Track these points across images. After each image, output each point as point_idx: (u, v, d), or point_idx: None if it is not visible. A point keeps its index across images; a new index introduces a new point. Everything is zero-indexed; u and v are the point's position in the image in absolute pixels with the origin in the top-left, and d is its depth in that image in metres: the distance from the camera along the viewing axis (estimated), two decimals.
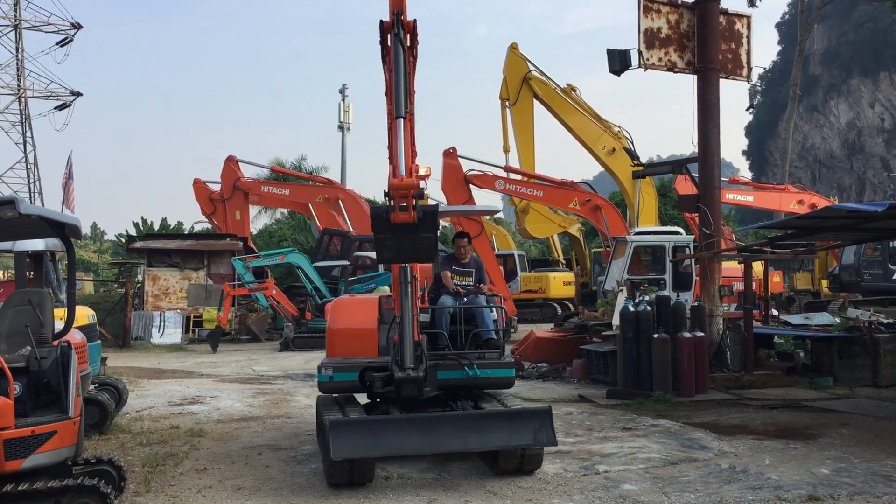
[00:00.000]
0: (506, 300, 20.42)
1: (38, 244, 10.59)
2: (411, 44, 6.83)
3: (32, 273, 11.17)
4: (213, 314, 22.06)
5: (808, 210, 22.93)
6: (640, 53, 12.76)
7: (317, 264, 22.94)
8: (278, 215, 45.28)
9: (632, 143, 24.04)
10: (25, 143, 54.02)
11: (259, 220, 45.11)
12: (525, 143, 24.54)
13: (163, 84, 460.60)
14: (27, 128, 54.08)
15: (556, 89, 24.19)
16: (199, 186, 29.24)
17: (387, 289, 17.53)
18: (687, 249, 17.39)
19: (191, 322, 23.73)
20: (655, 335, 10.61)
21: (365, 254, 23.99)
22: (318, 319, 20.01)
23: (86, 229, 44.22)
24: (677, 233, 19.37)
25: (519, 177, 23.53)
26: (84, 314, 10.16)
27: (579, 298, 26.96)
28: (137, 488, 6.29)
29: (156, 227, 43.39)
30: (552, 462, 6.93)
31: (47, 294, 6.44)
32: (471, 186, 22.22)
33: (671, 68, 12.91)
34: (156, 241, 26.07)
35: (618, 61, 13.40)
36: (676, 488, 6.17)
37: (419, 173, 6.23)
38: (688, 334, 10.69)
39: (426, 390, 6.68)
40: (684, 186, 20.68)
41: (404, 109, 6.34)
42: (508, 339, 17.62)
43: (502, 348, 7.50)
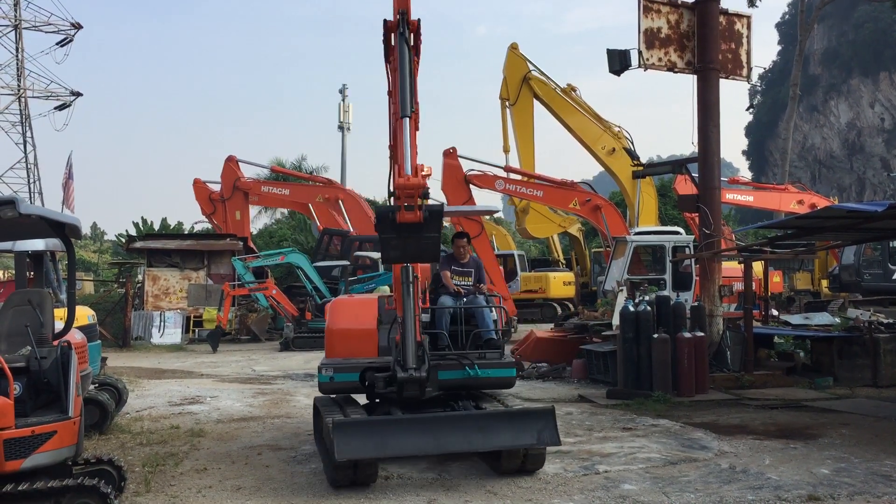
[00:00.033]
0: (506, 300, 20.50)
1: (38, 244, 10.59)
2: (415, 43, 6.83)
3: (32, 273, 11.16)
4: (213, 314, 22.07)
5: (808, 210, 22.92)
6: (640, 53, 12.76)
7: (317, 264, 22.92)
8: (278, 215, 45.28)
9: (632, 143, 24.05)
10: (25, 143, 54.12)
11: (259, 220, 45.19)
12: (525, 143, 24.54)
13: (163, 84, 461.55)
14: (27, 128, 54.20)
15: (556, 89, 24.20)
16: (199, 186, 29.24)
17: (387, 289, 17.53)
18: (687, 249, 17.39)
19: (191, 322, 23.74)
20: (655, 335, 10.61)
21: (365, 254, 23.99)
22: (318, 319, 20.00)
23: (86, 229, 44.20)
24: (677, 233, 19.38)
25: (519, 177, 23.53)
26: (84, 314, 10.16)
27: (579, 298, 26.96)
28: (137, 488, 6.29)
29: (156, 227, 43.38)
30: (552, 462, 6.92)
31: (47, 294, 6.44)
32: (471, 186, 22.23)
33: (671, 68, 12.91)
34: (156, 241, 26.07)
35: (618, 61, 13.41)
36: (676, 488, 6.17)
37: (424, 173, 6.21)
38: (688, 334, 10.69)
39: (427, 390, 6.68)
40: (684, 186, 20.68)
41: (410, 109, 6.33)
42: (509, 339, 17.74)
43: (502, 348, 7.50)
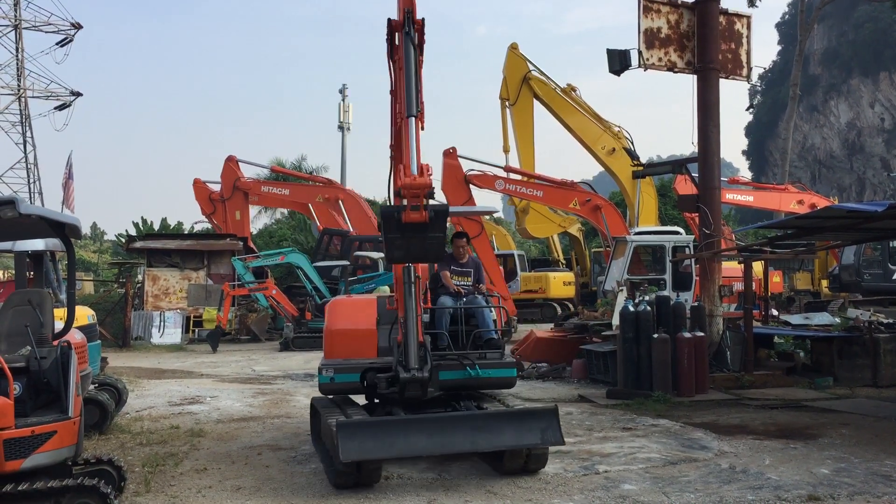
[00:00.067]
0: (506, 300, 20.50)
1: (38, 244, 10.60)
2: (419, 42, 6.82)
3: (32, 273, 11.17)
4: (213, 314, 22.07)
5: (808, 210, 22.92)
6: (640, 53, 12.76)
7: (317, 264, 22.92)
8: (278, 215, 45.28)
9: (632, 143, 24.06)
10: (25, 143, 54.12)
11: (259, 220, 45.20)
12: (525, 143, 24.54)
13: (163, 84, 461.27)
14: (27, 128, 54.19)
15: (555, 89, 24.20)
16: (199, 186, 29.24)
17: (387, 289, 17.54)
18: (687, 249, 17.40)
19: (191, 322, 23.74)
20: (655, 335, 10.61)
21: (365, 254, 23.99)
22: (318, 319, 19.99)
23: (86, 229, 44.21)
24: (677, 233, 19.39)
25: (519, 177, 23.53)
26: (84, 314, 10.16)
27: (579, 298, 26.96)
28: (137, 488, 6.29)
29: (156, 227, 43.38)
30: (552, 462, 6.92)
31: (47, 294, 6.44)
32: (471, 186, 22.22)
33: (671, 68, 12.91)
34: (156, 241, 26.07)
35: (618, 61, 13.41)
36: (676, 488, 6.17)
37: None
38: (688, 334, 10.69)
39: (429, 391, 6.67)
40: (684, 186, 20.67)
41: (416, 108, 6.31)
42: (510, 339, 17.73)
43: (503, 348, 7.50)
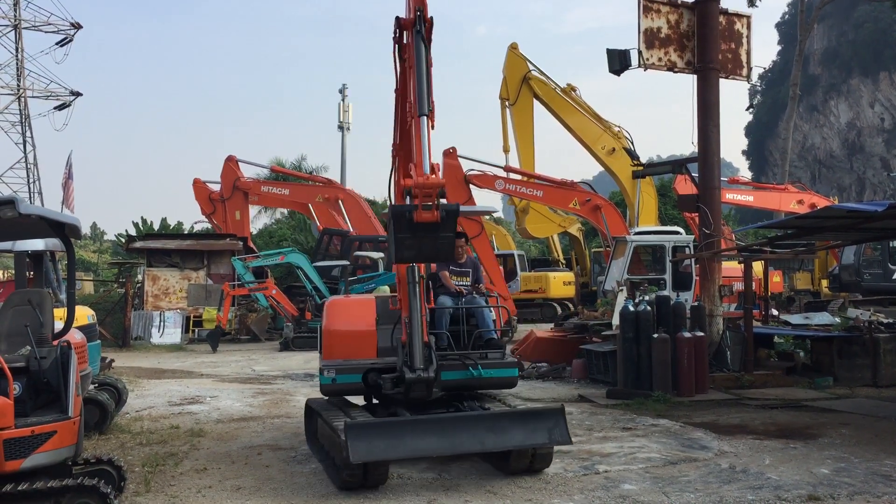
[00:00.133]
0: (506, 300, 20.50)
1: (38, 244, 10.60)
2: (427, 41, 6.82)
3: (32, 273, 11.17)
4: (213, 314, 22.06)
5: (807, 210, 22.92)
6: (640, 53, 12.75)
7: (317, 264, 22.91)
8: (278, 215, 45.26)
9: (632, 143, 24.06)
10: (25, 143, 54.12)
11: (259, 220, 45.17)
12: (525, 143, 24.54)
13: (163, 84, 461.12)
14: (27, 128, 54.19)
15: (555, 89, 24.20)
16: (199, 186, 29.23)
17: (387, 289, 17.54)
18: (687, 249, 17.39)
19: (191, 322, 23.73)
20: (655, 335, 10.61)
21: (365, 254, 23.99)
22: (318, 319, 19.95)
23: (86, 229, 44.24)
24: (677, 233, 19.38)
25: (519, 177, 23.53)
26: (84, 314, 10.17)
27: (579, 298, 26.94)
28: (137, 488, 6.29)
29: (156, 227, 43.36)
30: (552, 462, 6.92)
31: (47, 294, 6.44)
32: (471, 186, 22.22)
33: (671, 68, 12.91)
34: (156, 241, 26.06)
35: (618, 61, 13.40)
36: (676, 488, 6.17)
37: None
38: (688, 334, 10.69)
39: (433, 391, 6.67)
40: (684, 186, 20.67)
41: (427, 107, 6.32)
42: (511, 339, 17.72)
43: (504, 348, 7.49)
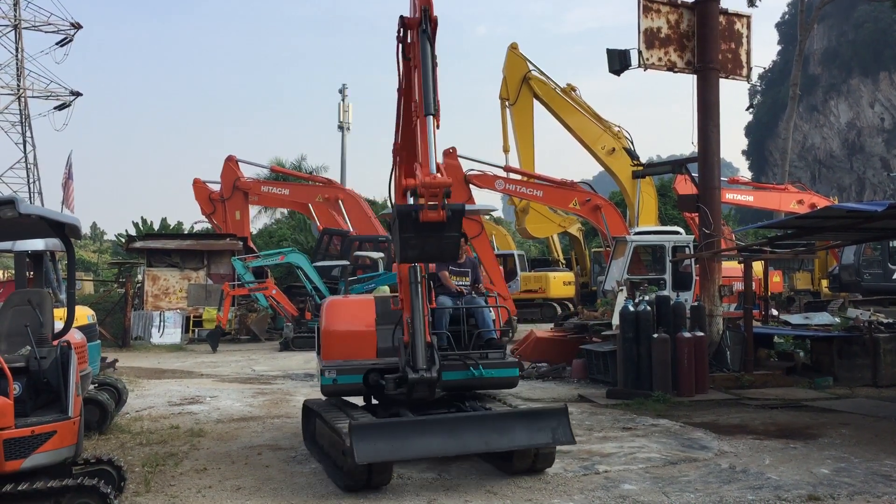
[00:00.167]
0: (506, 300, 20.49)
1: (38, 244, 10.60)
2: (433, 40, 6.81)
3: (32, 273, 11.17)
4: (213, 314, 22.05)
5: (807, 210, 22.92)
6: (639, 53, 12.75)
7: (317, 264, 22.90)
8: (278, 215, 45.26)
9: (632, 143, 24.05)
10: (25, 143, 54.13)
11: (259, 220, 45.16)
12: (525, 143, 24.54)
13: (163, 84, 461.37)
14: (27, 128, 54.20)
15: (555, 89, 24.19)
16: (199, 186, 29.22)
17: (386, 289, 17.52)
18: (687, 249, 17.39)
19: (191, 322, 23.72)
20: (655, 335, 10.60)
21: (365, 254, 23.99)
22: (318, 320, 19.97)
23: (86, 229, 44.22)
24: (677, 233, 19.38)
25: (519, 177, 23.52)
26: (84, 314, 10.17)
27: (579, 298, 26.93)
28: (137, 488, 6.29)
29: (156, 227, 43.36)
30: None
31: (47, 294, 6.44)
32: (471, 186, 22.22)
33: (671, 68, 12.91)
34: (156, 241, 26.05)
35: (618, 61, 13.40)
36: (676, 488, 6.17)
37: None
38: (688, 334, 10.69)
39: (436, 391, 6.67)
40: (684, 186, 20.66)
41: (433, 106, 6.32)
42: (510, 339, 17.72)
43: (504, 348, 7.49)
